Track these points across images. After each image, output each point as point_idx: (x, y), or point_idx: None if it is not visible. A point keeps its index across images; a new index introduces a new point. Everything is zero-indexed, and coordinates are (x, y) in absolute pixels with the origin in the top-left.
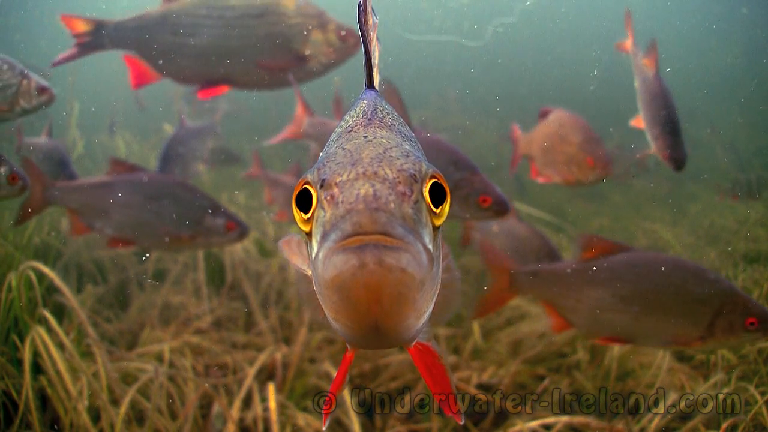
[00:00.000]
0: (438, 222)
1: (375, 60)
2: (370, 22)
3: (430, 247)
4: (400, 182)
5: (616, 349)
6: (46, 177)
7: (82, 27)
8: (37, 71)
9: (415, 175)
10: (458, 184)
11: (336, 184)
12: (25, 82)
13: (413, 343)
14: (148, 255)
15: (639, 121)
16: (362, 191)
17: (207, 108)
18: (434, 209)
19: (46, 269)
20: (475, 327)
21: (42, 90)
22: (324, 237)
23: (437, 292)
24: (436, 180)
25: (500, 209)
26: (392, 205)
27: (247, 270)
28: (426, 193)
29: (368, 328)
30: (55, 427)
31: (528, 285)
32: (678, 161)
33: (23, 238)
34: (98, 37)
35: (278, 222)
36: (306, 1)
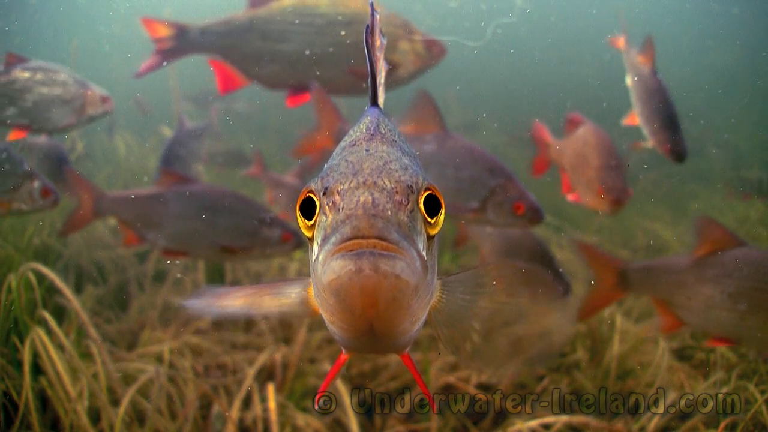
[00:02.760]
0: (432, 231)
1: (380, 79)
2: (378, 43)
3: (424, 253)
4: (397, 192)
5: (616, 348)
6: (97, 188)
7: (163, 31)
8: None
9: (411, 186)
10: (493, 190)
11: (338, 191)
12: (89, 93)
13: (407, 350)
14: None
15: (633, 119)
16: (362, 199)
17: (218, 108)
18: (429, 219)
19: (46, 270)
20: None
21: (104, 99)
22: (325, 240)
23: (432, 299)
24: (431, 192)
25: (534, 217)
26: (389, 212)
27: (248, 271)
28: (421, 204)
29: (363, 331)
30: (56, 428)
31: (639, 282)
32: (679, 154)
33: (23, 240)
34: (182, 42)
35: None
36: (391, 12)
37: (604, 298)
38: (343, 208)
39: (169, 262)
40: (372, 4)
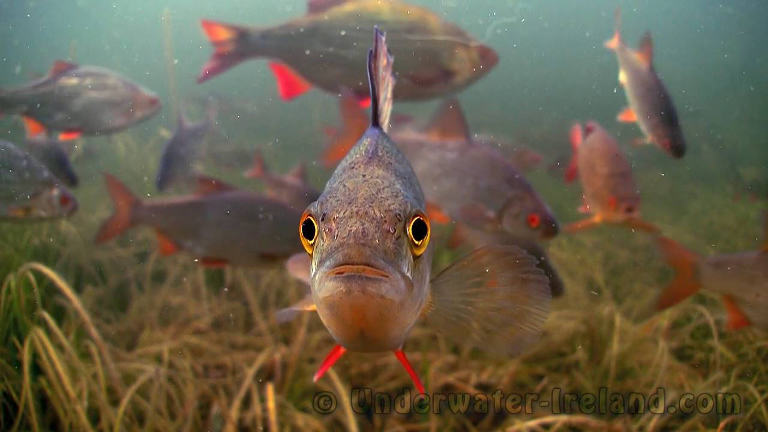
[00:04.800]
0: (418, 252)
1: (387, 95)
2: (384, 63)
3: (409, 274)
4: (386, 221)
5: (615, 348)
6: (134, 196)
7: (224, 34)
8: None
9: (399, 214)
10: (510, 201)
11: (334, 219)
12: (138, 95)
13: (399, 347)
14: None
15: (629, 115)
16: (354, 228)
17: (217, 107)
18: (416, 242)
19: (47, 270)
20: None
21: (152, 101)
22: (321, 262)
23: (421, 306)
24: (419, 218)
25: (548, 230)
26: (377, 241)
27: (246, 272)
28: (410, 229)
29: (354, 337)
30: (55, 428)
31: (711, 277)
32: (678, 149)
33: (23, 240)
34: (242, 45)
35: None
36: (448, 21)
37: (681, 291)
38: (337, 236)
39: (200, 263)
40: (377, 30)
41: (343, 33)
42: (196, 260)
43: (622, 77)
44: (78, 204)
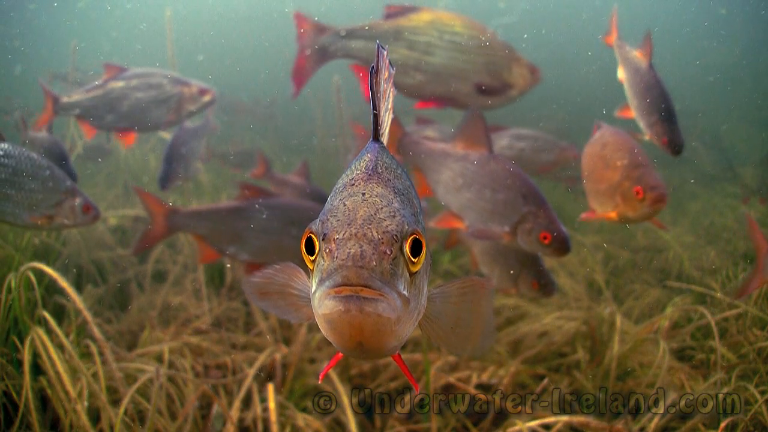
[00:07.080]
0: (415, 269)
1: (389, 105)
2: (385, 75)
3: (405, 292)
4: (383, 243)
5: (616, 349)
6: (168, 204)
7: (310, 34)
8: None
9: (396, 235)
10: (524, 217)
11: (334, 240)
12: (185, 90)
13: (396, 352)
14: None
15: (626, 112)
16: (352, 251)
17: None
18: (412, 259)
19: (49, 270)
20: None
21: (203, 92)
22: (321, 281)
23: (419, 318)
24: (415, 236)
25: (560, 248)
26: (374, 263)
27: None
28: (407, 248)
29: (353, 348)
30: (55, 428)
31: None
32: (677, 146)
33: (23, 240)
34: (322, 49)
35: None
36: (505, 42)
37: (762, 277)
38: (336, 258)
39: (245, 270)
40: (379, 44)
41: (425, 39)
42: (228, 265)
43: (621, 74)
44: (100, 212)
